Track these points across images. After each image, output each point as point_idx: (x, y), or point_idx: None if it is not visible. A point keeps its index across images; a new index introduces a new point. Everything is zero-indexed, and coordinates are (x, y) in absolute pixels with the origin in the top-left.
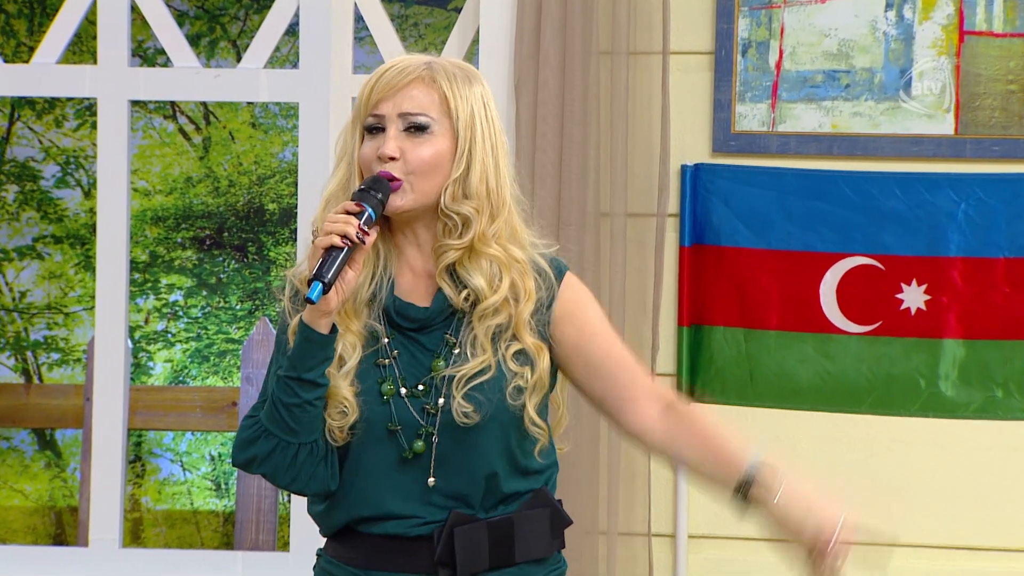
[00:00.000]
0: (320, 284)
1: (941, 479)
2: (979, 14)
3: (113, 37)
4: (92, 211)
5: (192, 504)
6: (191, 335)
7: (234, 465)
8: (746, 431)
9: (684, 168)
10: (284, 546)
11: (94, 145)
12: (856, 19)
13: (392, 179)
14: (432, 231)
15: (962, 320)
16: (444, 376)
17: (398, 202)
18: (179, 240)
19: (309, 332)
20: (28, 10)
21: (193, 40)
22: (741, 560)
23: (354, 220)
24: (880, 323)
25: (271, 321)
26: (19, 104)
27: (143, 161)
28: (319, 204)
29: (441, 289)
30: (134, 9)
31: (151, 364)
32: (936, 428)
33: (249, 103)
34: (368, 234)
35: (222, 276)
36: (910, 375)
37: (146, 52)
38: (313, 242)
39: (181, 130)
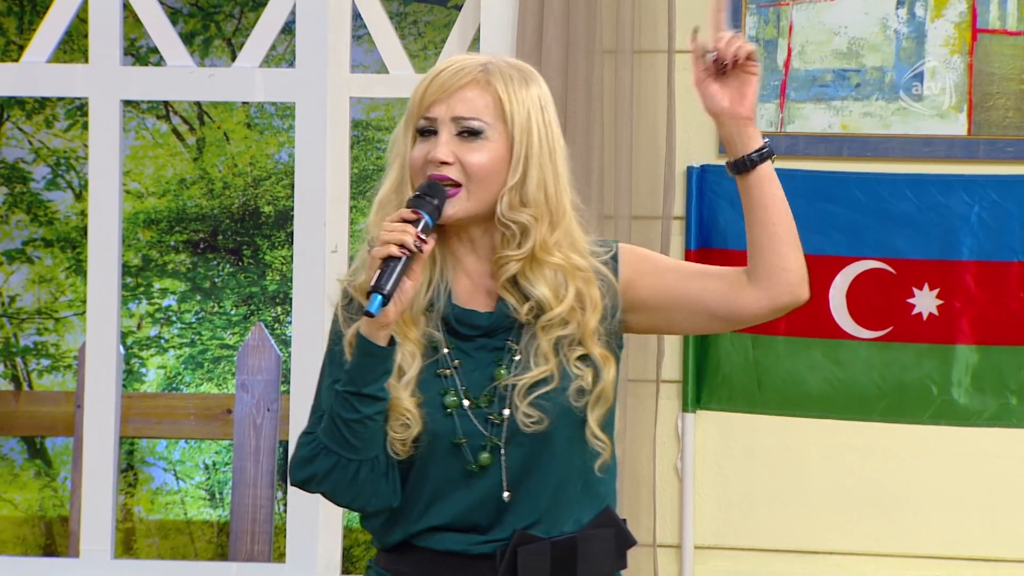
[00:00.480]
0: (380, 296)
1: (954, 489)
2: (992, 11)
3: (105, 35)
4: (83, 214)
5: (186, 514)
6: (185, 341)
7: (292, 484)
8: (754, 439)
9: (690, 169)
10: (280, 557)
11: (85, 146)
12: (866, 17)
13: (449, 183)
14: (490, 237)
15: (975, 325)
16: (507, 385)
17: (451, 210)
18: (172, 243)
19: (368, 345)
20: (18, 7)
21: (187, 38)
22: (748, 571)
23: (411, 228)
24: (891, 328)
25: (266, 326)
26: (8, 104)
27: (136, 162)
28: (372, 209)
29: (502, 298)
30: (126, 7)
31: (144, 370)
32: (948, 436)
33: (244, 103)
34: (426, 242)
35: (216, 280)
36: (922, 382)
37: (139, 51)
38: (369, 252)
39: (174, 131)
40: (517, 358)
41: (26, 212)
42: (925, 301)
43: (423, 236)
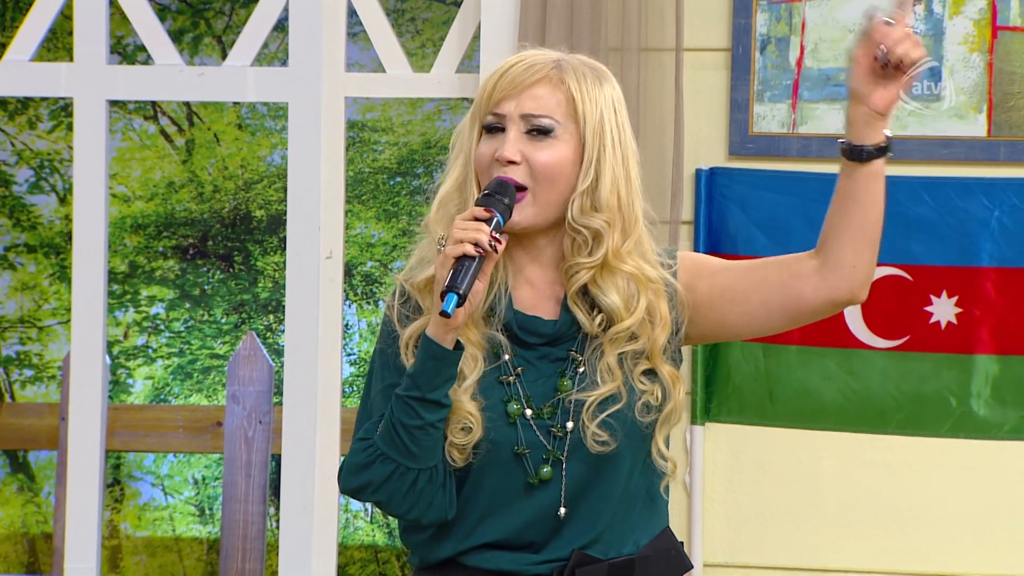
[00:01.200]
0: (455, 296)
1: (973, 504)
2: (1013, 8)
3: (90, 33)
4: (68, 218)
5: (174, 531)
6: (173, 350)
7: (344, 492)
8: (765, 453)
9: (699, 172)
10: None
11: (70, 148)
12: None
13: (518, 187)
14: (556, 244)
15: (995, 334)
16: (572, 399)
17: (518, 217)
18: (160, 249)
19: (436, 348)
20: (0, 4)
21: (176, 36)
22: None
23: (486, 227)
24: (908, 338)
25: (258, 335)
26: None
27: (122, 165)
28: (432, 205)
29: (566, 306)
30: (113, 3)
31: (130, 381)
32: (968, 450)
33: (235, 103)
34: (500, 242)
35: (206, 287)
36: (940, 393)
37: (125, 49)
38: (440, 250)
39: (163, 132)
40: (581, 370)
41: (8, 216)
42: (943, 309)
43: (497, 236)
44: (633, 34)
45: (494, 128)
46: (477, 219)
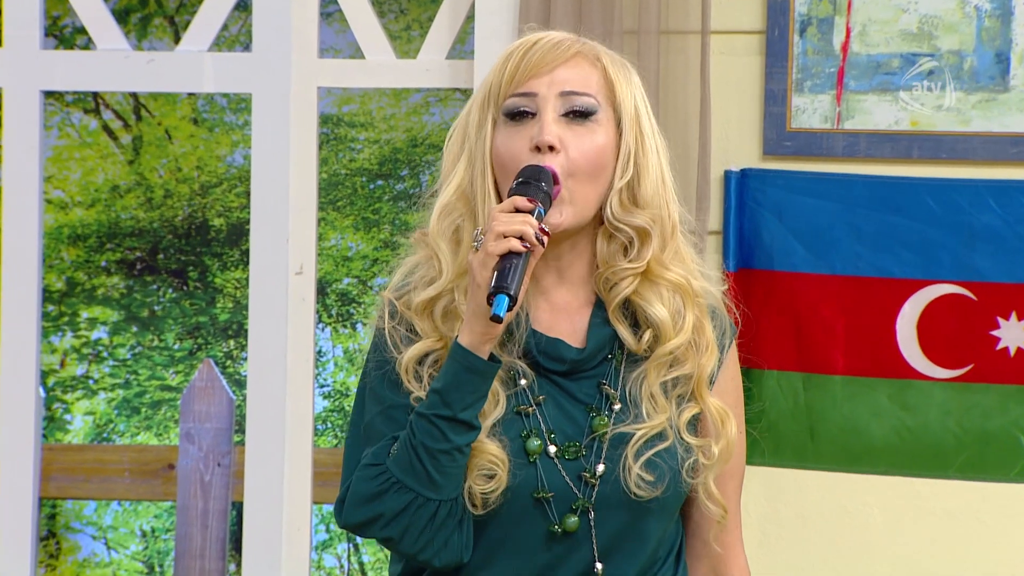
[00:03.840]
0: (506, 297)
1: None
2: None
3: (22, 13)
4: None
5: None
6: (118, 381)
7: (346, 526)
8: (805, 500)
9: (728, 174)
10: None
11: None
12: None
13: (555, 179)
14: (583, 256)
15: None
16: (608, 436)
17: (556, 218)
18: (103, 264)
19: (471, 359)
20: None
21: (121, 17)
22: None
23: (532, 219)
24: (971, 366)
25: (216, 363)
26: None
27: (59, 166)
28: (433, 214)
29: (594, 326)
30: None
31: (68, 417)
32: None
33: (190, 94)
34: (548, 235)
35: (156, 308)
36: (1008, 431)
37: (62, 32)
38: (476, 248)
39: (106, 128)
40: (617, 407)
41: None
42: (1012, 333)
43: (546, 228)
44: (652, 14)
45: (521, 113)
46: (518, 210)
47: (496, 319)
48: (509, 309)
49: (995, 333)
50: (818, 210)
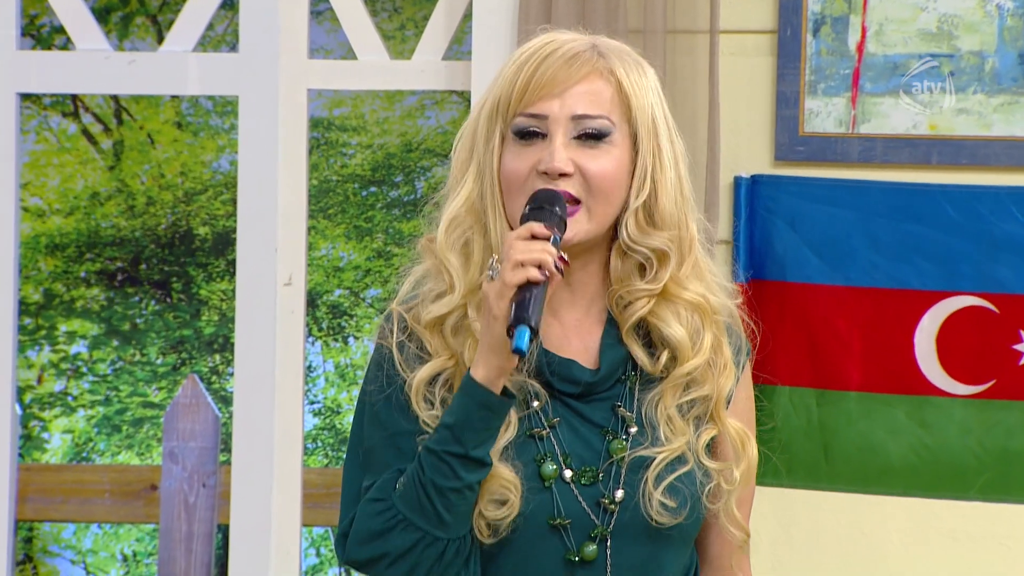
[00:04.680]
0: (528, 330)
1: None
2: None
3: None
4: None
5: None
6: (97, 398)
7: (349, 562)
8: (819, 522)
9: (738, 181)
10: None
11: None
12: None
13: (571, 199)
14: (595, 272)
15: None
16: (627, 461)
17: (571, 231)
18: (82, 275)
19: (485, 395)
20: None
21: (101, 15)
22: None
23: (551, 247)
24: (993, 382)
25: (201, 379)
26: None
27: (36, 172)
28: (441, 225)
29: (607, 347)
30: None
31: (46, 436)
32: None
33: (174, 97)
34: (567, 263)
35: (138, 321)
36: None
37: (40, 31)
38: (491, 278)
39: (85, 132)
40: (633, 430)
41: None
42: None
43: (565, 257)
44: (658, 13)
45: (531, 133)
46: (534, 236)
47: (519, 353)
48: (531, 341)
49: (1018, 347)
50: (832, 218)
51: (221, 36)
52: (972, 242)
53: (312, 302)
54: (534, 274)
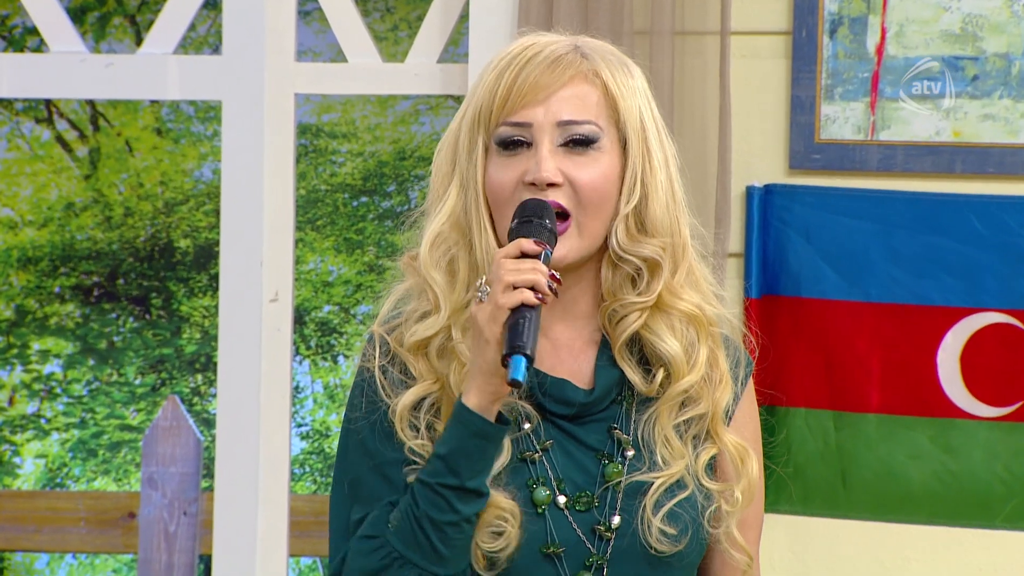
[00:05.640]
0: (524, 358)
1: None
2: None
3: None
4: None
5: None
6: (73, 420)
7: None
8: (837, 552)
9: (750, 190)
10: None
11: None
12: None
13: (560, 213)
14: (588, 289)
15: None
16: (623, 486)
17: (561, 251)
18: (57, 290)
19: (479, 424)
20: None
21: (77, 16)
22: None
23: (542, 266)
24: (1021, 404)
25: (182, 400)
26: None
27: (8, 181)
28: (424, 242)
29: (601, 367)
30: None
31: (18, 460)
32: None
33: (153, 102)
34: (560, 282)
35: (115, 339)
36: None
37: (12, 32)
38: (479, 300)
39: (60, 139)
40: (630, 453)
41: None
42: None
43: (557, 275)
44: (666, 13)
45: (515, 143)
46: (525, 254)
47: (515, 384)
48: (527, 368)
49: None
50: (850, 230)
51: (203, 37)
52: (998, 255)
53: (300, 319)
54: (529, 297)
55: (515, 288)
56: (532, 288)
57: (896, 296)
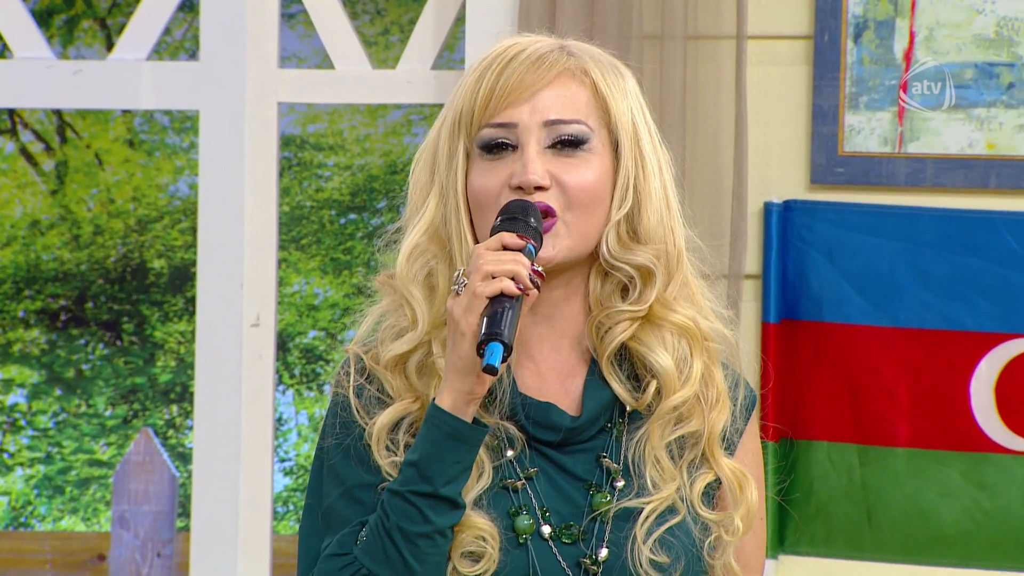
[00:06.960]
0: (500, 345)
1: None
2: None
3: None
4: None
5: None
6: (37, 455)
7: None
8: None
9: (768, 207)
10: None
11: None
12: None
13: (548, 213)
14: (576, 300)
15: None
16: (611, 515)
17: (549, 250)
18: (20, 314)
19: (454, 423)
20: None
21: (43, 19)
22: None
23: (523, 258)
24: None
25: (156, 433)
26: None
27: None
28: (401, 255)
29: (590, 388)
30: None
31: None
32: None
33: (125, 111)
34: (543, 276)
35: (84, 367)
36: None
37: None
38: (456, 292)
39: (24, 151)
40: (620, 484)
41: None
42: None
43: (540, 270)
44: (678, 16)
45: (499, 145)
46: (506, 247)
47: (490, 370)
48: (503, 360)
49: None
50: (876, 250)
51: (179, 42)
52: None
53: (283, 345)
54: (508, 286)
55: (494, 277)
56: (514, 279)
57: (925, 321)
